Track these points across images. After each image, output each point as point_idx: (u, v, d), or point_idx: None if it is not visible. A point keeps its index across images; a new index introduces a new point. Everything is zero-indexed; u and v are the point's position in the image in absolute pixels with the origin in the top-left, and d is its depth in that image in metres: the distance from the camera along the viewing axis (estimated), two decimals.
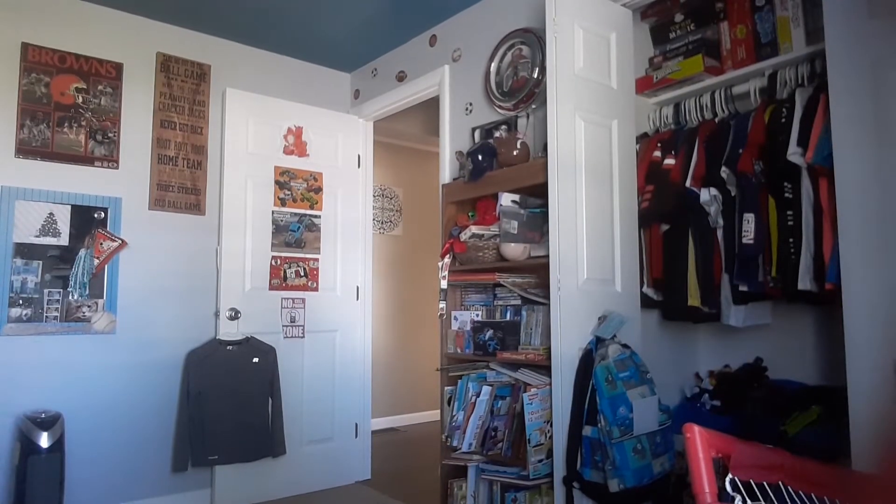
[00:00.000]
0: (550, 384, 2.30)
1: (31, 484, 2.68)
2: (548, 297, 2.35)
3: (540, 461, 2.31)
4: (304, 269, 3.74)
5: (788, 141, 2.15)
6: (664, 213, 2.58)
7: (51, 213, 3.06)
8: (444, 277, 2.89)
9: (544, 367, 2.38)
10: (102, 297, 3.18)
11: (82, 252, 3.13)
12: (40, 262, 3.02)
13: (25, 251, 2.99)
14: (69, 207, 3.12)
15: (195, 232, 3.51)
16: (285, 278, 3.66)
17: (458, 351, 2.85)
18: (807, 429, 2.17)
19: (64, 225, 3.10)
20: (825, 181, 2.03)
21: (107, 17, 3.32)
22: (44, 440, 2.73)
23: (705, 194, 2.43)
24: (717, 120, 2.59)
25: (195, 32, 3.62)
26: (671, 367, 2.71)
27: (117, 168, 3.29)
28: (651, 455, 2.15)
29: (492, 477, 2.55)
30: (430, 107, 3.73)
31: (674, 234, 2.59)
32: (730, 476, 0.91)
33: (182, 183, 3.49)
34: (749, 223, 2.28)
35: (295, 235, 3.72)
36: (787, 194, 2.21)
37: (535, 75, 2.82)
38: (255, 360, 3.41)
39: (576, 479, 2.18)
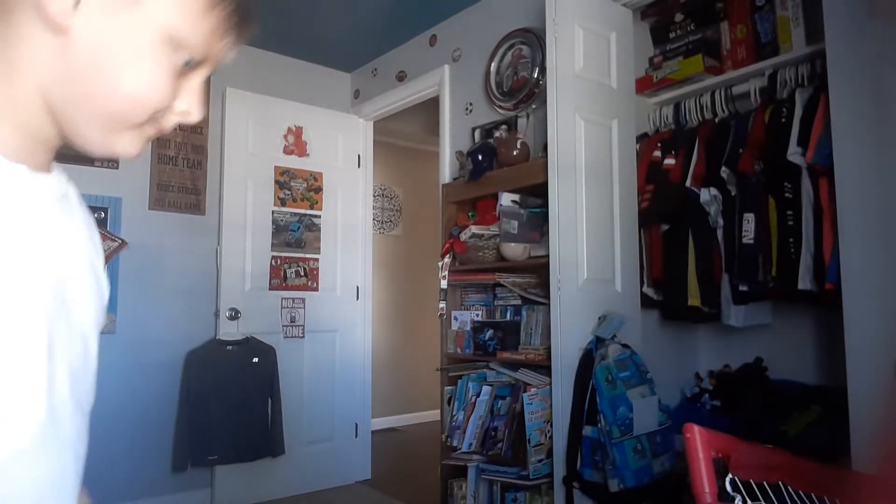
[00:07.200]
0: (550, 384, 2.30)
1: None
2: (548, 297, 2.35)
3: (540, 461, 2.31)
4: (304, 269, 3.74)
5: (788, 141, 2.15)
6: (664, 213, 2.58)
7: None
8: (444, 277, 2.89)
9: (544, 367, 2.38)
10: None
11: None
12: None
13: None
14: None
15: (195, 232, 3.51)
16: (285, 278, 3.66)
17: (458, 351, 2.85)
18: (807, 429, 2.17)
19: None
20: (825, 181, 2.03)
21: None
22: None
23: (705, 194, 2.43)
24: (717, 120, 2.59)
25: None
26: (671, 367, 2.71)
27: (117, 168, 3.29)
28: (651, 455, 2.15)
29: (492, 477, 2.55)
30: (430, 107, 3.73)
31: (674, 234, 2.59)
32: (730, 476, 0.91)
33: (182, 183, 3.49)
34: (749, 223, 2.28)
35: (295, 235, 3.72)
36: (787, 194, 2.21)
37: (535, 75, 2.82)
38: (255, 360, 3.41)
39: (576, 479, 2.18)
